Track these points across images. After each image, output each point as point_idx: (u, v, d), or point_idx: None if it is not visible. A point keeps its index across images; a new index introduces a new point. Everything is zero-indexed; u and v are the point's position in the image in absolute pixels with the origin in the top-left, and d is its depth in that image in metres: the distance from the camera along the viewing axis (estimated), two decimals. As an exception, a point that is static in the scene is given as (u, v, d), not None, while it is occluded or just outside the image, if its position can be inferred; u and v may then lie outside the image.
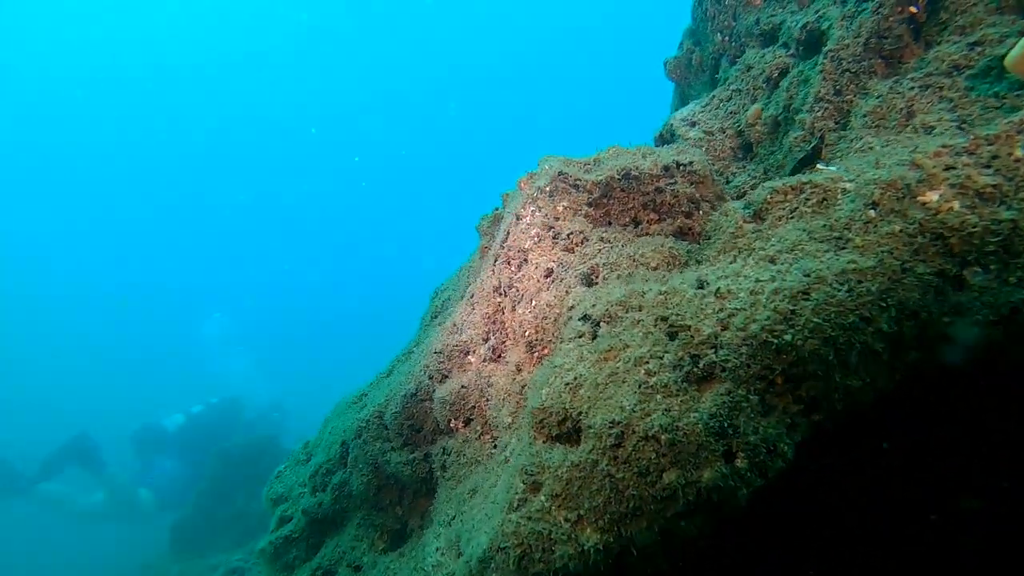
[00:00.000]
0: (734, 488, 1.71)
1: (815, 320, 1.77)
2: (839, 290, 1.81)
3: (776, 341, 1.77)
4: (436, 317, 3.76)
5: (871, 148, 2.45)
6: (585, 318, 2.17)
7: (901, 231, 1.84)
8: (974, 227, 1.78)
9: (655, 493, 1.72)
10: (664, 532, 1.74)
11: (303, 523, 3.43)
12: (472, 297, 3.18)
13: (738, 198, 3.06)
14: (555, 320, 2.42)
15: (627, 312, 2.08)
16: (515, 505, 1.90)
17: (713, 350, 1.82)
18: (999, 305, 1.75)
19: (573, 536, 1.77)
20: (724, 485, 1.70)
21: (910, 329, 1.80)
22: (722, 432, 1.72)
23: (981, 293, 1.77)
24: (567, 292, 2.41)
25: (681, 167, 2.79)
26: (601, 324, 2.11)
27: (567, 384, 1.98)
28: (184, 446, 15.00)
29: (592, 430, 1.82)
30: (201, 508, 13.55)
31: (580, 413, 1.89)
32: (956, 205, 1.82)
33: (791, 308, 1.81)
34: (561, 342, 2.21)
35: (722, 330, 1.85)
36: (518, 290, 2.72)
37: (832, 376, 1.78)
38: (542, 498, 1.85)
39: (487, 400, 2.73)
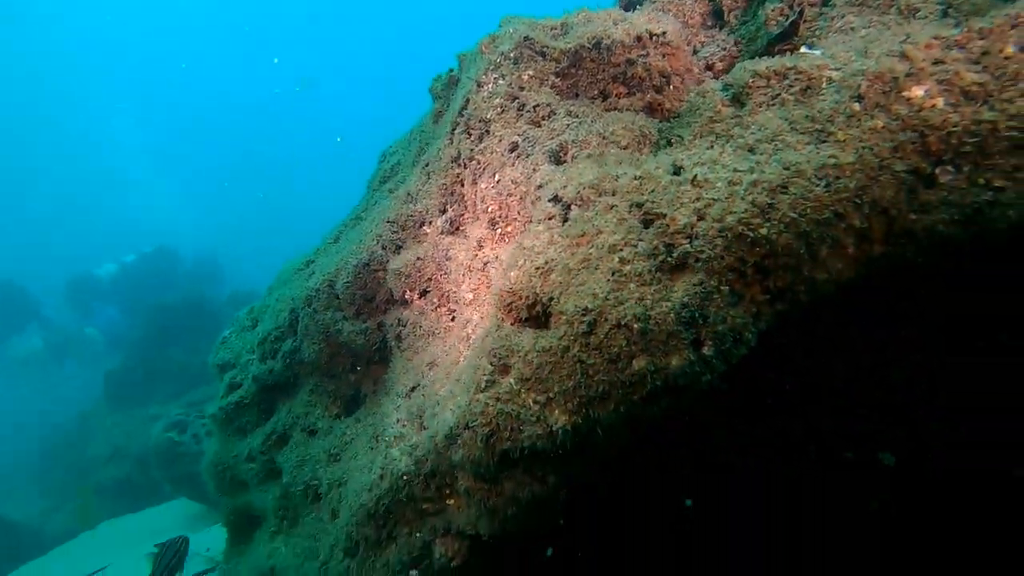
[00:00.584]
0: (699, 374, 1.78)
1: (791, 214, 1.78)
2: (817, 185, 1.80)
3: (751, 234, 1.77)
4: (386, 182, 3.61)
5: (852, 28, 2.37)
6: (556, 199, 2.11)
7: (884, 127, 1.82)
8: (954, 126, 1.77)
9: (624, 379, 1.77)
10: (630, 414, 1.82)
11: (253, 389, 3.42)
12: (427, 166, 3.04)
13: (706, 69, 2.95)
14: (521, 198, 2.35)
15: (600, 196, 2.03)
16: (483, 386, 1.93)
17: (688, 240, 1.82)
18: (965, 205, 1.79)
19: (542, 418, 1.82)
20: (690, 371, 1.76)
21: (879, 225, 1.84)
22: (692, 321, 1.76)
23: (949, 192, 1.80)
24: (534, 170, 2.32)
25: (654, 38, 2.64)
26: (572, 207, 2.06)
27: (537, 268, 1.95)
28: (121, 296, 14.75)
29: (564, 316, 1.82)
30: (135, 360, 13.40)
31: (551, 298, 1.89)
32: (940, 102, 1.79)
33: (768, 201, 1.80)
34: (529, 223, 2.16)
35: (698, 220, 1.83)
36: (479, 163, 2.61)
37: (801, 269, 1.82)
38: (511, 380, 1.87)
39: (445, 273, 2.69)
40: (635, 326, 1.74)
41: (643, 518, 2.71)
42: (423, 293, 2.81)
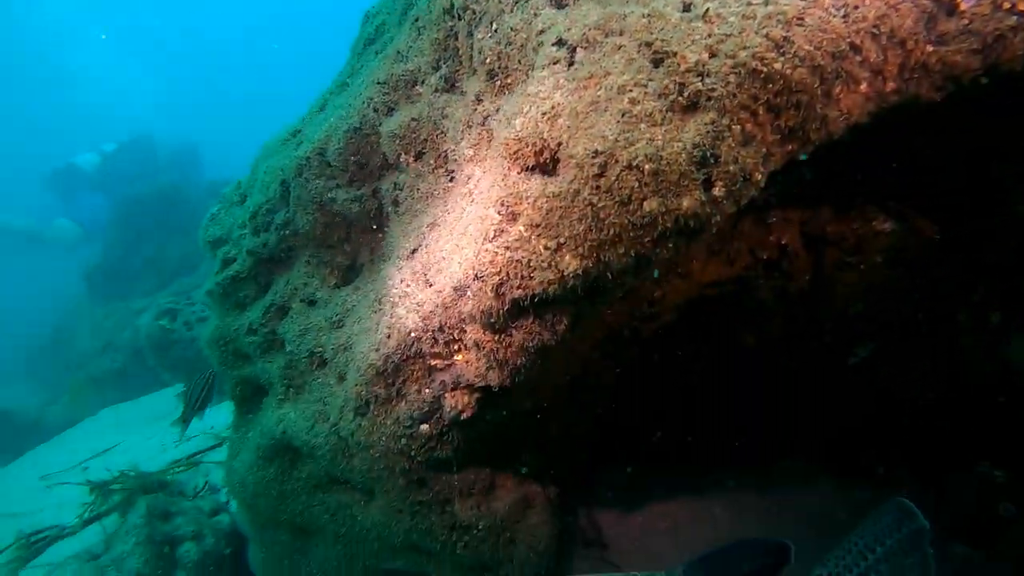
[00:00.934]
0: (709, 215, 1.78)
1: (807, 48, 1.72)
2: (835, 15, 1.73)
3: (765, 70, 1.72)
4: (371, 44, 3.44)
5: None
6: (560, 43, 2.02)
7: (907, -51, 1.73)
8: (981, -54, 1.69)
9: (635, 221, 1.76)
10: (639, 257, 1.83)
11: (249, 263, 3.39)
12: (417, 21, 2.88)
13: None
14: (521, 46, 2.24)
15: (607, 37, 1.94)
16: (491, 235, 1.92)
17: (700, 78, 1.76)
18: (986, 33, 1.74)
19: (553, 263, 1.83)
20: (701, 212, 1.76)
21: (894, 58, 1.79)
22: (704, 161, 1.73)
23: (971, 20, 1.75)
24: (535, 15, 2.21)
25: None
26: (578, 50, 1.98)
27: (544, 113, 1.89)
28: (104, 186, 14.46)
29: (574, 160, 1.79)
30: (115, 253, 13.25)
31: (559, 143, 1.85)
32: (968, -79, 1.70)
33: (784, 35, 1.73)
34: (533, 70, 2.08)
35: (710, 57, 1.77)
36: (475, 12, 2.48)
37: (813, 107, 1.78)
38: (520, 228, 1.87)
39: (442, 132, 2.62)
40: (646, 167, 1.72)
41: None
42: (419, 155, 2.74)
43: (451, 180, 2.59)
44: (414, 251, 2.57)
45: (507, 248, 1.87)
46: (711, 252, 2.93)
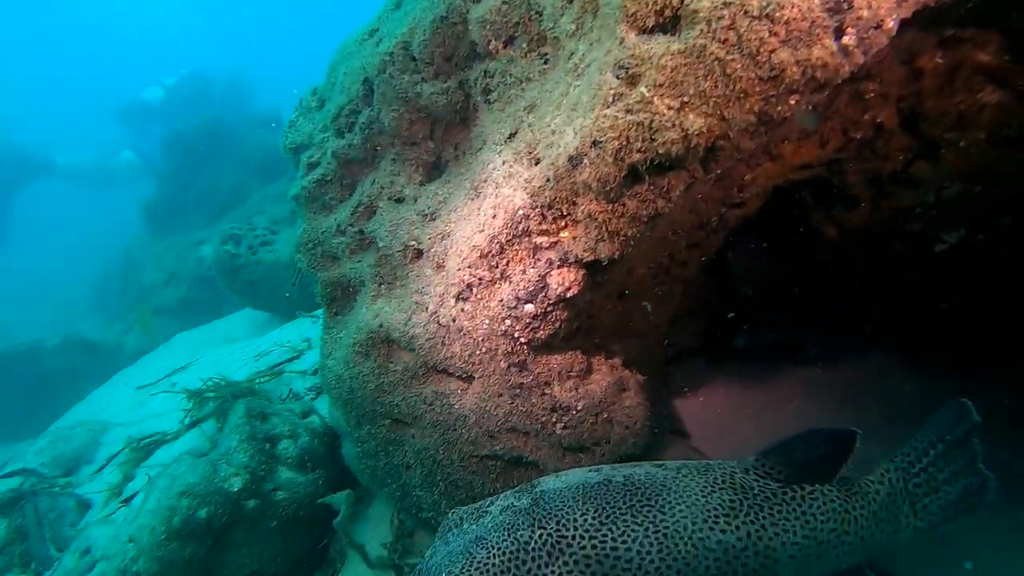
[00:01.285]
0: (838, 66, 1.74)
1: None
2: None
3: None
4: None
5: None
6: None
7: None
8: None
9: (763, 74, 1.74)
10: (762, 114, 1.82)
11: (334, 165, 3.45)
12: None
13: None
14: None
15: None
16: (610, 101, 1.92)
17: (832, -81, 1.69)
18: None
19: (677, 122, 1.83)
20: (830, 63, 1.73)
21: None
22: (836, 8, 1.69)
23: None
24: None
25: None
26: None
27: (662, -29, 1.85)
28: (171, 118, 15.08)
29: (700, 14, 1.76)
30: (170, 188, 13.58)
31: (682, 0, 1.81)
32: None
33: None
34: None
35: None
36: None
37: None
38: (642, 89, 1.86)
39: (537, 14, 2.58)
40: (777, 14, 1.68)
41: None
42: (510, 40, 2.72)
43: (546, 63, 2.57)
44: (512, 135, 2.58)
45: (628, 111, 1.87)
46: (804, 133, 2.88)
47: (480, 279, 2.61)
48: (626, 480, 2.02)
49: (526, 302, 2.54)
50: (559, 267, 2.42)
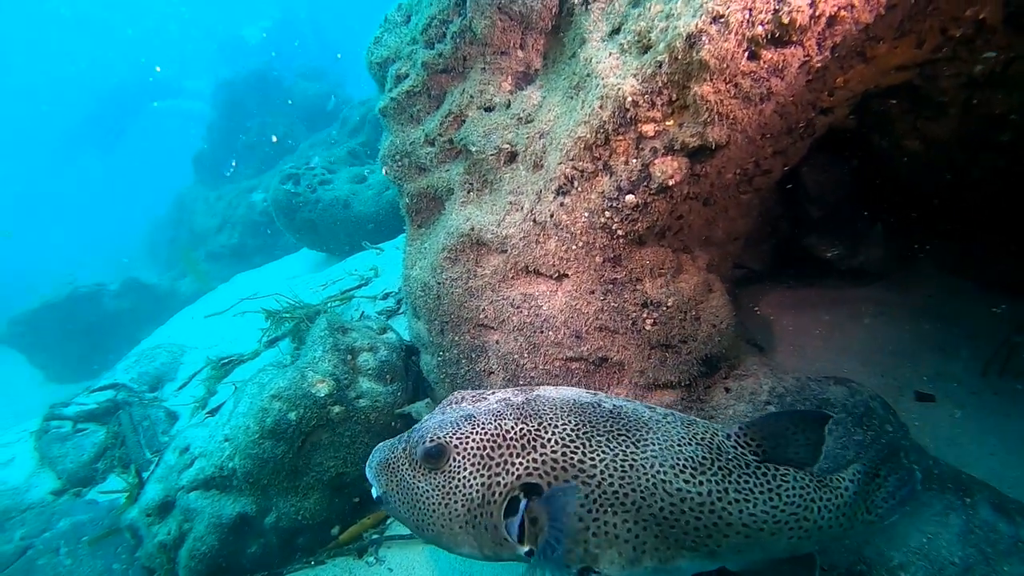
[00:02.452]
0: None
1: None
2: None
3: None
4: None
5: None
6: None
7: None
8: None
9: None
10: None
11: (422, 76, 3.54)
12: None
13: None
14: None
15: None
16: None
17: None
18: None
19: (807, -13, 1.87)
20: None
21: None
22: None
23: None
24: None
25: None
26: None
27: None
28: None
29: None
30: (219, 136, 13.84)
31: None
32: None
33: None
34: None
35: None
36: None
37: None
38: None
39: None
40: None
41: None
42: (611, -62, 2.75)
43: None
44: (615, 30, 2.63)
45: (753, -19, 1.93)
46: (901, 32, 2.87)
47: (582, 171, 2.69)
48: (614, 408, 2.17)
49: (628, 192, 2.62)
50: (663, 155, 2.49)
